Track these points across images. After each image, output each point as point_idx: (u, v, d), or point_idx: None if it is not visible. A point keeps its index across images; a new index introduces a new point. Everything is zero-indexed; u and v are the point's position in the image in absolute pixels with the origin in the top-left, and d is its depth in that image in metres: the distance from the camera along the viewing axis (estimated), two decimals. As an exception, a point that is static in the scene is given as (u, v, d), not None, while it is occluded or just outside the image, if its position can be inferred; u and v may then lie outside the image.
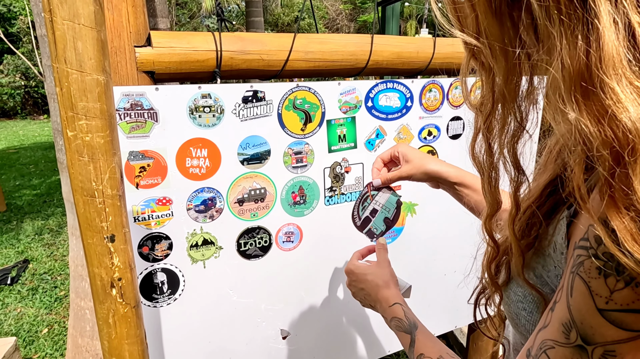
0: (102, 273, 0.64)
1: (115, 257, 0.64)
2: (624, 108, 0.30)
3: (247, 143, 1.06)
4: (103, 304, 0.66)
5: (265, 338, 1.21)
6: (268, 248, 1.15)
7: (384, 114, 1.22)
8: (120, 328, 0.68)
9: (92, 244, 0.63)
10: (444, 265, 1.48)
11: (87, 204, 0.61)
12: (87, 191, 0.61)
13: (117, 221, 0.64)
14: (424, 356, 0.68)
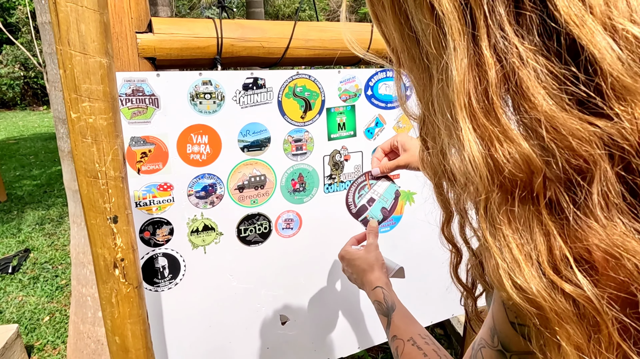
0: (105, 254, 0.66)
1: (118, 238, 0.66)
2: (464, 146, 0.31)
3: (248, 130, 1.07)
4: (106, 284, 0.68)
5: (264, 323, 1.23)
6: (268, 234, 1.16)
7: (384, 103, 1.23)
8: (122, 307, 0.69)
9: (96, 225, 0.64)
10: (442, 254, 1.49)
11: (91, 185, 0.62)
12: (91, 173, 0.62)
13: (119, 203, 0.65)
14: (396, 338, 0.69)
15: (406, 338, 0.68)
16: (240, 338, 1.20)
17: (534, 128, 0.29)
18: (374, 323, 1.43)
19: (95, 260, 0.67)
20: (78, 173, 0.63)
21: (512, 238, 0.30)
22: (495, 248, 0.31)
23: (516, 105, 0.30)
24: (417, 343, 0.66)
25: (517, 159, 0.29)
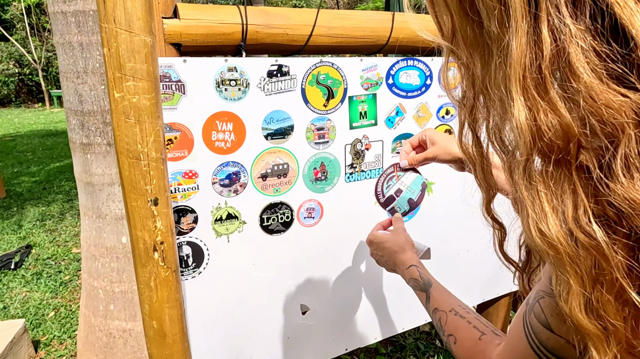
0: (145, 236, 0.65)
1: (158, 220, 0.65)
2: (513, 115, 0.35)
3: (271, 117, 1.06)
4: (145, 267, 0.67)
5: (285, 313, 1.22)
6: (290, 223, 1.16)
7: (404, 92, 1.23)
8: (161, 291, 0.69)
9: (136, 207, 0.64)
10: (458, 244, 1.50)
11: (133, 167, 0.62)
12: (133, 154, 0.61)
13: (160, 185, 0.64)
14: (438, 310, 0.72)
15: (447, 309, 0.70)
16: (261, 328, 1.20)
17: (575, 99, 0.33)
18: (392, 313, 1.43)
19: (134, 243, 0.66)
20: (120, 154, 0.62)
21: (543, 194, 0.35)
22: (529, 201, 0.36)
23: (563, 79, 0.34)
24: (459, 313, 0.69)
25: (558, 128, 0.34)
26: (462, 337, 0.65)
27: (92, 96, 1.62)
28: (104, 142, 1.65)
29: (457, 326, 0.67)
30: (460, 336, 0.65)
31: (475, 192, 0.56)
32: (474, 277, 1.59)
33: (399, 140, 1.26)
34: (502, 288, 1.71)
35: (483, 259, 1.59)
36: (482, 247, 1.55)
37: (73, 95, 1.63)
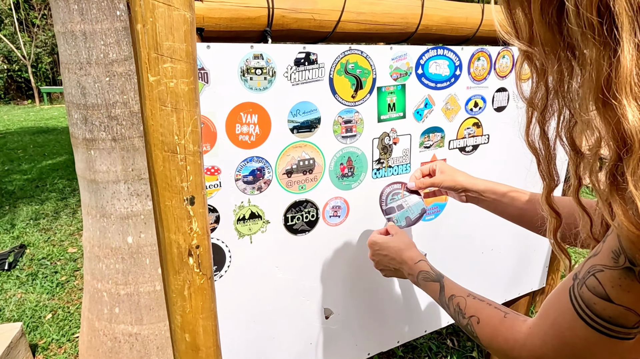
0: (179, 240, 0.58)
1: (194, 222, 0.58)
2: (626, 117, 0.38)
3: (298, 109, 0.99)
4: (178, 274, 0.60)
5: (308, 317, 1.15)
6: (315, 222, 1.09)
7: (433, 82, 1.16)
8: (195, 301, 0.62)
9: (170, 207, 0.56)
10: (483, 243, 1.44)
11: (168, 161, 0.54)
12: (168, 146, 0.54)
13: (197, 182, 0.57)
14: (455, 296, 0.74)
15: (465, 295, 0.72)
16: (283, 333, 1.13)
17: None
18: (415, 315, 1.37)
19: (166, 247, 0.59)
20: (153, 147, 0.54)
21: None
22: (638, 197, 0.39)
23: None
24: (477, 297, 0.71)
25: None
26: (485, 316, 0.66)
27: (96, 89, 1.53)
28: (108, 137, 1.57)
29: (478, 308, 0.68)
30: (484, 316, 0.67)
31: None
32: (497, 276, 1.53)
33: (426, 134, 1.19)
34: (523, 287, 1.66)
35: (507, 258, 1.53)
36: (506, 245, 1.50)
37: (75, 88, 1.54)
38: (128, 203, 1.63)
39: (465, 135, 1.26)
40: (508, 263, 1.55)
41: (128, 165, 1.60)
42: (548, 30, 0.44)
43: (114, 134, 1.57)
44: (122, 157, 1.59)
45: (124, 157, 1.59)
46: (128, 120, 1.56)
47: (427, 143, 1.20)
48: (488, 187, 0.96)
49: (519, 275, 1.62)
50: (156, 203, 0.57)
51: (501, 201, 0.93)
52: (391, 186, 1.10)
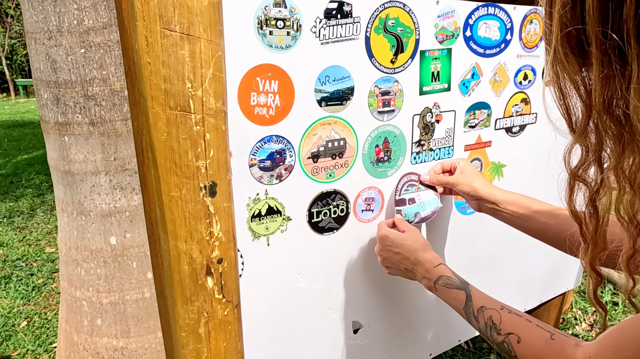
0: (193, 251, 0.37)
1: (215, 223, 0.37)
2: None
3: (327, 76, 0.78)
4: (191, 304, 0.39)
5: (335, 333, 0.95)
6: (344, 218, 0.89)
7: (482, 48, 0.96)
8: (216, 341, 0.41)
9: (179, 199, 0.35)
10: (523, 239, 1.26)
11: (175, 125, 0.33)
12: (177, 100, 0.32)
13: (220, 159, 0.36)
14: (485, 309, 0.67)
15: (498, 307, 0.66)
16: (306, 354, 0.93)
17: None
18: (447, 325, 1.18)
19: (172, 263, 0.38)
20: (150, 101, 0.33)
21: None
22: None
23: None
24: (512, 311, 0.64)
25: None
26: (528, 335, 0.60)
27: (69, 62, 1.29)
28: (85, 120, 1.33)
29: (517, 324, 0.62)
30: (526, 334, 0.60)
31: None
32: (535, 275, 1.36)
33: (472, 111, 1.00)
34: (559, 287, 1.49)
35: (546, 254, 1.35)
36: (547, 241, 1.32)
37: (44, 62, 1.30)
38: (110, 197, 1.40)
39: (512, 113, 1.07)
40: (547, 261, 1.37)
41: (109, 153, 1.37)
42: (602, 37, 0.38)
43: (91, 117, 1.33)
44: (102, 144, 1.35)
45: (104, 144, 1.35)
46: (108, 100, 1.32)
47: (472, 122, 1.01)
48: (507, 199, 0.86)
49: (557, 273, 1.45)
50: (154, 194, 0.36)
51: (522, 214, 0.84)
52: (408, 176, 0.94)
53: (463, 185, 0.90)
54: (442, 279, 0.75)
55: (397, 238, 0.84)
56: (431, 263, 0.78)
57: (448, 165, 0.95)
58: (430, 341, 1.16)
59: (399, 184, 0.93)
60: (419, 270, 0.80)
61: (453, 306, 0.74)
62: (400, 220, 0.90)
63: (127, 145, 1.37)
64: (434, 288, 0.77)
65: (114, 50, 1.29)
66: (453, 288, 0.74)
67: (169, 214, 0.36)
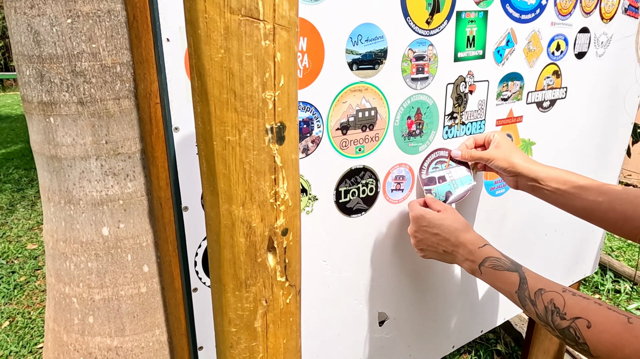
0: (252, 218, 0.27)
1: (282, 180, 0.27)
2: None
3: (360, 35, 0.68)
4: (247, 289, 0.29)
5: (360, 327, 0.87)
6: (373, 199, 0.80)
7: (518, 13, 0.88)
8: (276, 336, 0.31)
9: (237, 145, 0.26)
10: (549, 223, 1.19)
11: (236, 35, 0.23)
12: (240, 1, 0.22)
13: (291, 92, 0.26)
14: (545, 291, 0.61)
15: (560, 290, 0.60)
16: (328, 349, 0.84)
17: None
18: (470, 316, 1.11)
19: (220, 236, 0.28)
20: (205, 1, 0.23)
21: None
22: None
23: None
24: (577, 294, 0.58)
25: None
26: (600, 321, 0.54)
27: (54, 34, 1.16)
28: (73, 99, 1.21)
29: (586, 308, 0.56)
30: (598, 319, 0.54)
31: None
32: (557, 261, 1.30)
33: (505, 82, 0.92)
34: (577, 274, 1.44)
35: (569, 240, 1.29)
36: (570, 226, 1.26)
37: (25, 34, 1.17)
38: (102, 185, 1.28)
39: (544, 86, 1.00)
40: (568, 247, 1.31)
41: (100, 135, 1.25)
42: None
43: (80, 95, 1.21)
44: (93, 126, 1.23)
45: (94, 126, 1.23)
46: (99, 77, 1.20)
47: (504, 94, 0.93)
48: (550, 175, 0.78)
49: (577, 259, 1.39)
50: (201, 140, 0.26)
51: (567, 191, 0.77)
52: (437, 152, 0.85)
53: (499, 161, 0.81)
54: (489, 260, 0.69)
55: (434, 217, 0.76)
56: (475, 244, 0.71)
57: (481, 139, 0.87)
58: (453, 332, 1.09)
59: (424, 162, 0.85)
60: (460, 252, 0.73)
61: (503, 290, 0.67)
62: (433, 199, 0.81)
63: (119, 126, 1.25)
64: (478, 271, 0.70)
65: (104, 20, 1.17)
66: (503, 270, 0.67)
67: (222, 167, 0.26)
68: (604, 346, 0.53)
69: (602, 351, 0.53)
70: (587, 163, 1.18)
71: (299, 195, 0.30)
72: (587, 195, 0.74)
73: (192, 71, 0.25)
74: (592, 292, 2.51)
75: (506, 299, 1.20)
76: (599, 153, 1.19)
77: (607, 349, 0.52)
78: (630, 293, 2.43)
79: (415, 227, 0.78)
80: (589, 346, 0.54)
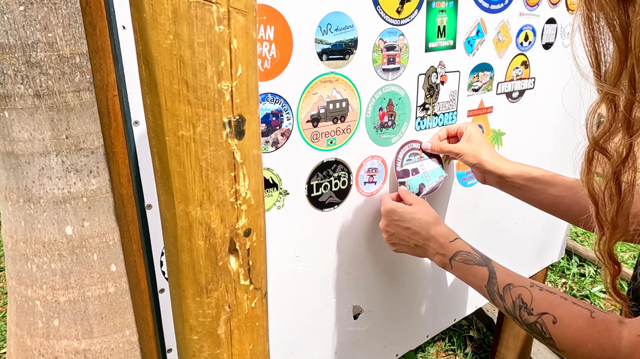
0: (211, 219, 0.25)
1: (243, 178, 0.25)
2: None
3: (329, 24, 0.67)
4: (208, 294, 0.27)
5: (335, 320, 0.86)
6: (346, 192, 0.79)
7: (487, 2, 0.88)
8: (241, 343, 0.30)
9: (192, 140, 0.24)
10: (518, 211, 1.22)
11: (186, 18, 0.21)
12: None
13: (250, 82, 0.24)
14: (513, 286, 0.61)
15: (527, 285, 0.60)
16: (304, 345, 0.83)
17: None
18: (443, 305, 1.12)
19: (178, 239, 0.26)
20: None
21: None
22: None
23: None
24: (544, 288, 0.59)
25: None
26: (565, 314, 0.54)
27: (6, 22, 1.09)
28: (29, 92, 1.14)
29: (552, 303, 0.56)
30: (563, 314, 0.54)
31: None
32: (526, 248, 1.33)
33: (476, 73, 0.92)
34: (545, 260, 1.48)
35: (537, 228, 1.33)
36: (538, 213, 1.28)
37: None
38: (63, 182, 1.22)
39: (513, 76, 1.01)
40: (537, 234, 1.35)
41: (60, 130, 1.19)
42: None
43: (36, 88, 1.14)
44: (51, 120, 1.17)
45: (53, 120, 1.17)
46: (56, 69, 1.14)
47: (475, 85, 0.93)
48: (516, 171, 0.79)
49: (545, 246, 1.43)
50: (152, 135, 0.24)
51: (532, 187, 0.78)
52: (409, 144, 0.85)
53: (468, 156, 0.81)
54: (460, 254, 0.68)
55: (405, 211, 0.75)
56: (446, 238, 0.71)
57: (454, 130, 0.87)
58: (427, 322, 1.10)
59: (399, 154, 0.84)
60: (431, 246, 0.72)
61: (472, 284, 0.67)
62: (407, 192, 0.81)
63: (81, 120, 1.20)
64: (449, 265, 0.70)
65: (60, 8, 1.10)
66: (473, 264, 0.67)
67: (177, 164, 0.24)
68: (568, 341, 0.53)
69: (567, 345, 0.54)
70: (556, 152, 1.20)
71: (263, 193, 0.28)
72: (552, 191, 0.76)
73: (139, 59, 0.23)
74: (559, 276, 2.60)
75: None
76: (567, 142, 1.21)
77: (571, 344, 0.53)
78: (594, 276, 2.53)
79: (387, 221, 0.77)
80: (554, 341, 0.55)
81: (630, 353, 0.47)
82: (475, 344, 2.08)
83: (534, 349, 1.89)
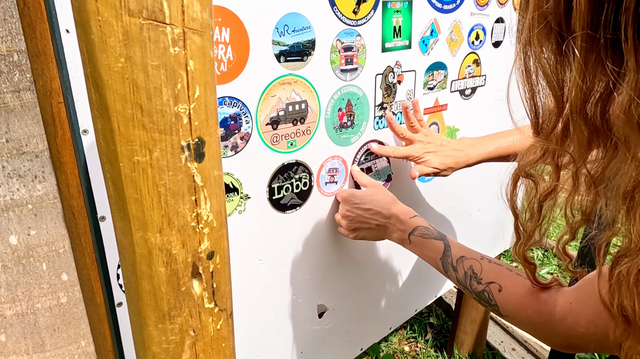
0: (172, 244, 0.24)
1: (204, 201, 0.25)
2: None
3: (286, 25, 0.66)
4: (171, 320, 0.27)
5: (300, 320, 0.86)
6: (308, 193, 0.79)
7: (440, 3, 0.90)
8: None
9: (148, 166, 0.23)
10: (472, 203, 1.27)
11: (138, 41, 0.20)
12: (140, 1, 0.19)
13: (209, 103, 0.24)
14: (465, 258, 0.65)
15: (478, 257, 0.64)
16: (270, 347, 0.83)
17: None
18: (404, 297, 1.15)
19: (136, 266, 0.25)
20: (97, 1, 0.19)
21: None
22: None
23: None
24: (492, 261, 0.63)
25: None
26: (510, 284, 0.59)
27: None
28: (-39, 92, 1.05)
29: (499, 273, 0.60)
30: (508, 283, 0.59)
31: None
32: (481, 237, 1.39)
33: (431, 72, 0.94)
34: (498, 247, 1.55)
35: (490, 218, 1.38)
36: (491, 204, 1.34)
37: None
38: (5, 188, 1.14)
39: (465, 74, 1.04)
40: (491, 224, 1.41)
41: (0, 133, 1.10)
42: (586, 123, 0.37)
43: (-29, 88, 1.05)
44: (-11, 123, 1.08)
45: (-9, 123, 1.09)
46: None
47: (430, 83, 0.95)
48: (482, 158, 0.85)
49: (498, 235, 1.50)
50: (105, 160, 0.23)
51: (506, 158, 0.84)
52: (367, 144, 0.87)
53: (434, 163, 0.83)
54: (418, 229, 0.72)
55: (364, 194, 0.78)
56: (406, 215, 0.74)
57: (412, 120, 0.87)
58: (390, 315, 1.13)
59: (358, 152, 0.85)
60: (392, 223, 0.75)
61: (428, 258, 0.71)
62: (359, 172, 0.83)
63: (22, 122, 1.12)
64: (407, 241, 0.73)
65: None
66: (431, 239, 0.70)
67: (133, 191, 0.23)
68: (511, 307, 0.58)
69: (510, 311, 0.58)
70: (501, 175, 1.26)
71: (225, 213, 0.28)
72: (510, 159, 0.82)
73: (87, 81, 0.21)
74: (510, 261, 2.74)
75: (436, 278, 1.26)
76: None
77: (513, 309, 0.58)
78: (542, 259, 2.69)
79: (347, 206, 0.78)
80: (499, 307, 0.59)
81: (563, 318, 0.52)
82: (435, 331, 2.16)
83: (489, 331, 1.99)
